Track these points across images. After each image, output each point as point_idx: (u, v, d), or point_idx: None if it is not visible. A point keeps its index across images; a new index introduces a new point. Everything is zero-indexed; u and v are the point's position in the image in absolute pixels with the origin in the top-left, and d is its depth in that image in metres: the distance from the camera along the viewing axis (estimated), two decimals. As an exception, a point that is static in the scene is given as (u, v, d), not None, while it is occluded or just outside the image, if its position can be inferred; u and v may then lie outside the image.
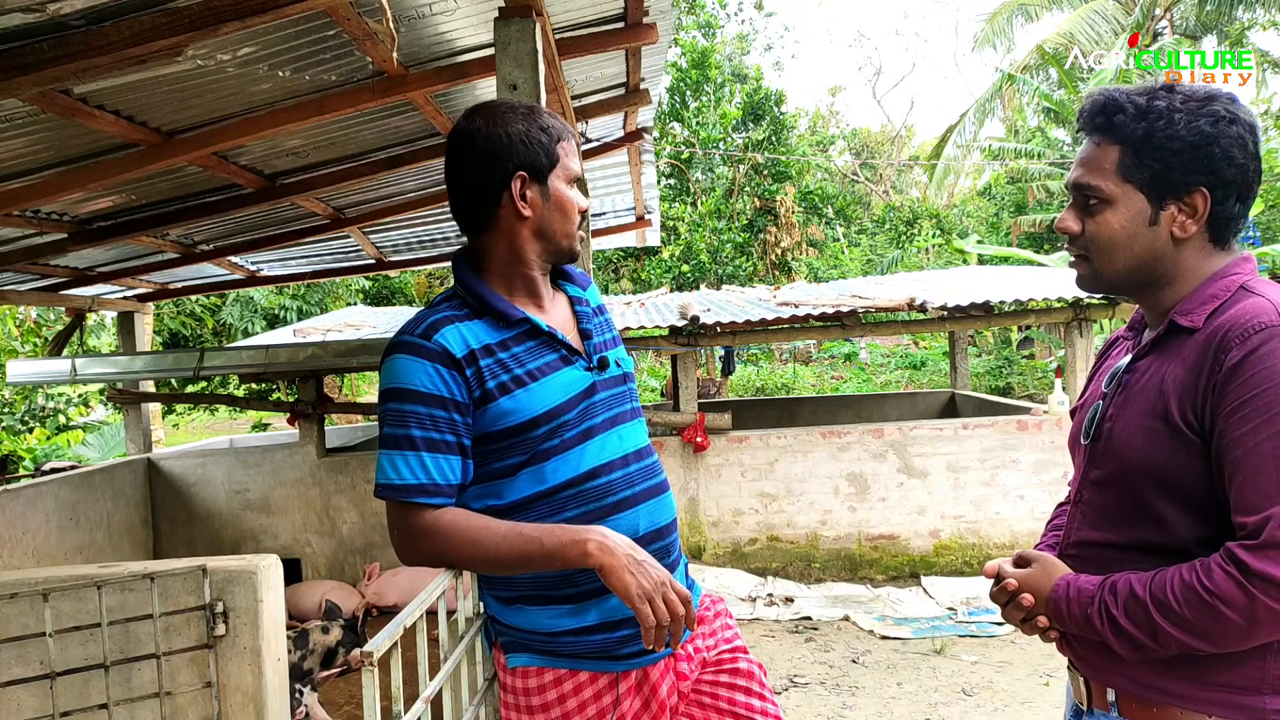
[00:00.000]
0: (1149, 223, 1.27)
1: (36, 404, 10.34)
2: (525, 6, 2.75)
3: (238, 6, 2.36)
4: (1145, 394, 1.27)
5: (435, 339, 1.41)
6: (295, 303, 14.15)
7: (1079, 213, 1.33)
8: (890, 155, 27.04)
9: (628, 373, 1.58)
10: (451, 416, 1.40)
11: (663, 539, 1.52)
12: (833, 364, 19.30)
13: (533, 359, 1.45)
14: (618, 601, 1.39)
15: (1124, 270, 1.31)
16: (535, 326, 1.47)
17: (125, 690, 2.25)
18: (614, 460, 1.48)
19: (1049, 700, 4.19)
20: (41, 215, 4.33)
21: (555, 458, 1.44)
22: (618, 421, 1.52)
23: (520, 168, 1.46)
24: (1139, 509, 1.27)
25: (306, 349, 5.44)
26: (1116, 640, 1.22)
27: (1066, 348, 6.61)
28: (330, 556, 6.06)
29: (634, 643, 1.46)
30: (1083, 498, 1.37)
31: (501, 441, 1.44)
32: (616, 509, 1.46)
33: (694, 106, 16.75)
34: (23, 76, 2.44)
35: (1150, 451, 1.24)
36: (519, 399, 1.42)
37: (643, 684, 1.50)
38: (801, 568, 6.45)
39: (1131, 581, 1.21)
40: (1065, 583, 1.28)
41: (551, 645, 1.47)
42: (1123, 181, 1.27)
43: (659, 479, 1.56)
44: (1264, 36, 16.38)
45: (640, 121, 5.47)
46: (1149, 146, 1.24)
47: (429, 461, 1.39)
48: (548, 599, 1.46)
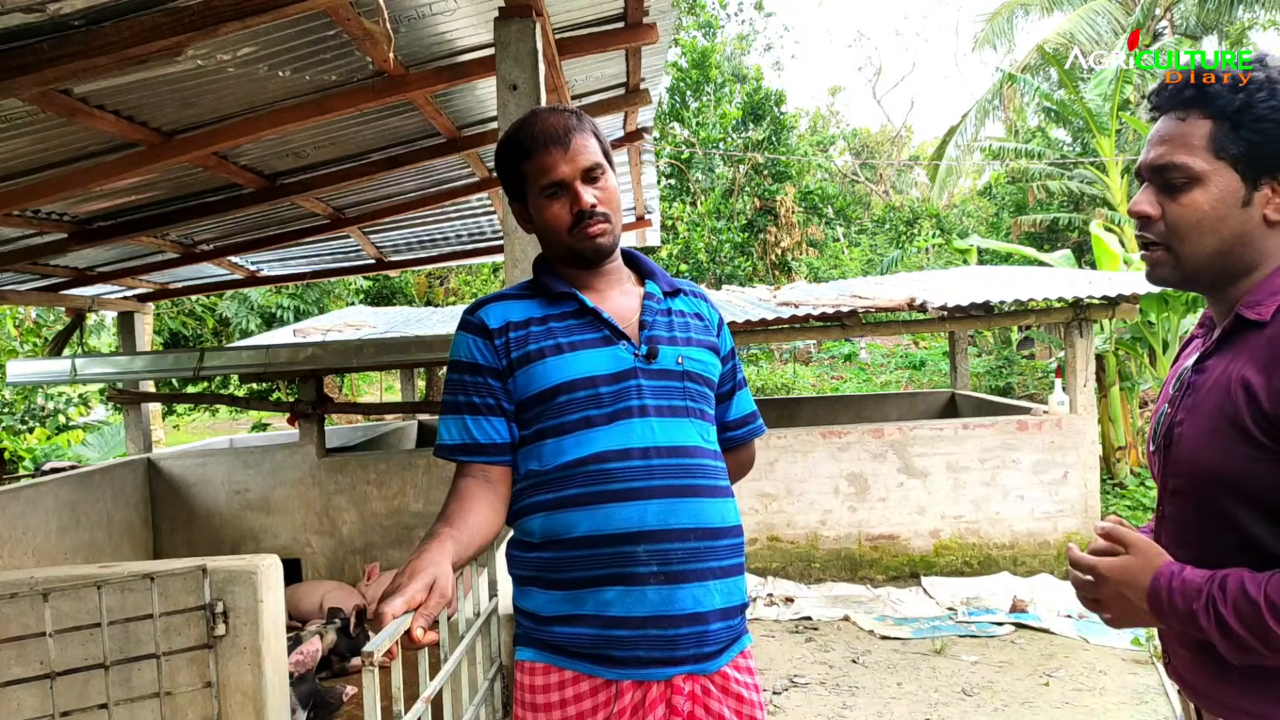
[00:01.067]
0: (1241, 204, 1.16)
1: (36, 404, 10.33)
2: (525, 6, 2.75)
3: (238, 6, 2.36)
4: (1213, 396, 1.17)
5: (477, 315, 1.56)
6: (293, 302, 14.13)
7: (1157, 195, 1.22)
8: (890, 155, 27.04)
9: (689, 371, 1.54)
10: (489, 382, 1.52)
11: (667, 541, 1.44)
12: (833, 364, 19.29)
13: (568, 334, 1.52)
14: (612, 595, 1.41)
15: (1210, 255, 1.20)
16: (581, 305, 1.54)
17: (125, 690, 2.25)
18: (633, 448, 1.46)
19: (1049, 700, 4.19)
20: (41, 215, 4.33)
21: (575, 432, 1.48)
22: (658, 413, 1.49)
23: (508, 194, 1.61)
24: (1221, 521, 1.17)
25: (306, 349, 5.43)
26: (1223, 641, 1.10)
27: (1066, 348, 6.60)
28: (330, 556, 6.06)
29: (628, 648, 1.43)
30: (1164, 511, 1.28)
31: (532, 408, 1.51)
32: (623, 497, 1.44)
33: (694, 106, 16.75)
34: (23, 76, 2.44)
35: (1222, 459, 1.14)
36: (545, 366, 1.49)
37: (638, 709, 1.45)
38: (801, 568, 6.45)
39: (1244, 579, 1.09)
40: (1170, 572, 1.15)
41: (548, 635, 1.48)
42: (1214, 158, 1.16)
43: (696, 481, 1.49)
44: (1264, 36, 16.36)
45: (640, 121, 5.47)
46: (1248, 119, 1.14)
47: (470, 424, 1.51)
48: (547, 582, 1.48)
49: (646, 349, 1.52)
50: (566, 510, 1.46)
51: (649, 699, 1.44)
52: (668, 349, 1.54)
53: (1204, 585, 1.11)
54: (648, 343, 1.53)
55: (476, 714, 1.48)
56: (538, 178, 1.51)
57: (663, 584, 1.43)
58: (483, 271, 17.05)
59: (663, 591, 1.42)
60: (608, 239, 1.53)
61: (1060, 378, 6.70)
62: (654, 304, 1.59)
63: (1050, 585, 6.02)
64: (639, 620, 1.42)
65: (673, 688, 1.45)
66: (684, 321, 1.61)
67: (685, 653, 1.44)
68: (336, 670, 4.68)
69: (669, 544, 1.44)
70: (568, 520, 1.45)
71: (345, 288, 15.24)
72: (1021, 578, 6.22)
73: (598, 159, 1.52)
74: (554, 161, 1.49)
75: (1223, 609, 1.09)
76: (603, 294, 1.57)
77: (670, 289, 1.65)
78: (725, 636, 1.49)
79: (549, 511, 1.48)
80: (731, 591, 1.50)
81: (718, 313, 1.71)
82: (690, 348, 1.57)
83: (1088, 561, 1.25)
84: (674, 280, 1.69)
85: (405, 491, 6.00)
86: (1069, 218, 14.47)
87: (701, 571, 1.46)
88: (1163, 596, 1.15)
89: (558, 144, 1.49)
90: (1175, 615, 1.14)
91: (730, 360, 1.69)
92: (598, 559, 1.43)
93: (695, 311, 1.65)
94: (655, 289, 1.62)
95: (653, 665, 1.43)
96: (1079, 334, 6.47)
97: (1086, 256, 13.68)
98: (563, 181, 1.49)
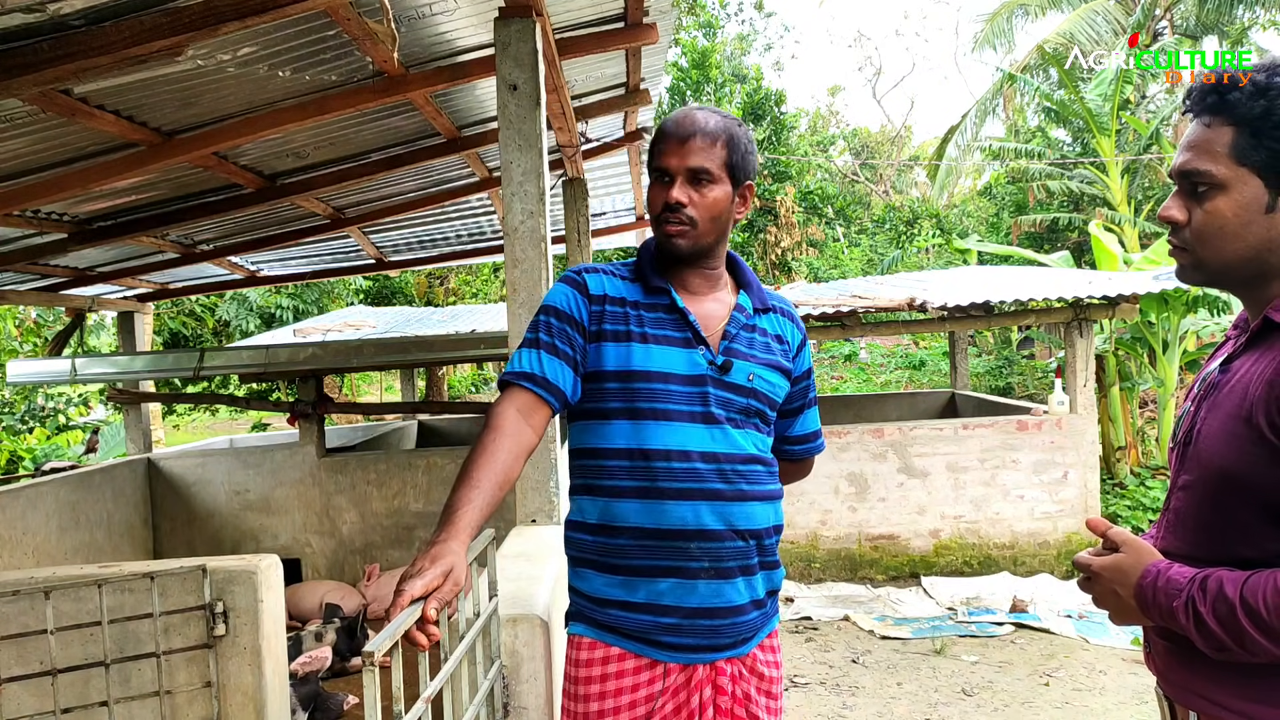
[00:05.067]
0: (1265, 210, 1.17)
1: (36, 404, 10.33)
2: (525, 6, 2.75)
3: (238, 6, 2.35)
4: (1233, 396, 1.19)
5: (583, 275, 1.63)
6: (292, 302, 14.11)
7: (1185, 200, 1.23)
8: (890, 155, 27.04)
9: (756, 390, 1.60)
10: (573, 334, 1.57)
11: (717, 542, 1.54)
12: (833, 364, 19.30)
13: (655, 326, 1.58)
14: (665, 586, 1.53)
15: (1233, 261, 1.21)
16: (672, 301, 1.59)
17: (125, 689, 2.25)
18: (693, 451, 1.54)
19: (1049, 700, 4.20)
20: (41, 215, 4.33)
21: (640, 421, 1.55)
22: (721, 422, 1.57)
23: (648, 170, 1.66)
24: (1221, 516, 1.19)
25: (306, 349, 5.44)
26: (1200, 639, 1.14)
27: (1066, 348, 6.61)
28: (330, 556, 6.06)
29: (677, 634, 1.54)
30: (1170, 504, 1.30)
31: (598, 383, 1.57)
32: (678, 496, 1.53)
33: (694, 106, 16.74)
34: (23, 76, 2.43)
35: (1231, 457, 1.16)
36: (627, 349, 1.56)
37: (680, 690, 1.56)
38: (801, 568, 6.45)
39: (1223, 579, 1.12)
40: (1156, 570, 1.19)
41: (602, 616, 1.58)
42: (1237, 165, 1.17)
43: (748, 487, 1.57)
44: (1264, 36, 16.35)
45: (640, 121, 5.47)
46: (1269, 125, 1.14)
47: (545, 358, 1.55)
48: (604, 566, 1.58)
49: (722, 360, 1.58)
50: (624, 499, 1.55)
51: (694, 680, 1.56)
52: (741, 364, 1.60)
53: (1186, 584, 1.15)
54: (725, 354, 1.59)
55: (476, 714, 1.48)
56: (653, 158, 1.61)
57: (712, 579, 1.54)
58: (483, 271, 17.05)
59: (712, 585, 1.54)
60: (684, 241, 1.57)
61: (1060, 378, 6.70)
62: (741, 316, 1.65)
63: (1050, 585, 6.02)
64: (689, 610, 1.54)
65: (716, 670, 1.57)
66: (765, 341, 1.66)
67: (727, 640, 1.57)
68: (336, 670, 4.68)
69: (720, 543, 1.54)
70: (624, 510, 1.55)
71: (345, 288, 15.23)
72: (1021, 578, 6.22)
73: (707, 165, 1.55)
74: (669, 150, 1.57)
75: (1201, 607, 1.12)
76: (696, 296, 1.63)
77: (762, 305, 1.69)
78: (760, 623, 1.62)
79: (607, 498, 1.57)
80: (771, 580, 1.64)
81: (802, 334, 1.76)
82: (763, 368, 1.63)
83: (1083, 560, 1.29)
84: (768, 296, 1.73)
85: (405, 491, 6.00)
86: (1069, 218, 14.47)
87: (747, 567, 1.58)
88: (1148, 594, 1.18)
89: (678, 137, 1.57)
90: (1159, 612, 1.18)
91: (804, 380, 1.75)
92: (653, 550, 1.54)
93: (778, 333, 1.70)
94: (747, 302, 1.67)
95: (698, 651, 1.55)
96: (1079, 334, 6.47)
97: (1086, 256, 13.69)
98: (667, 169, 1.57)
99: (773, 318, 1.70)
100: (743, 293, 1.69)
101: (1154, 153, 13.02)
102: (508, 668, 1.80)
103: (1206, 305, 8.42)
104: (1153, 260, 8.68)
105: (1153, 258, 8.74)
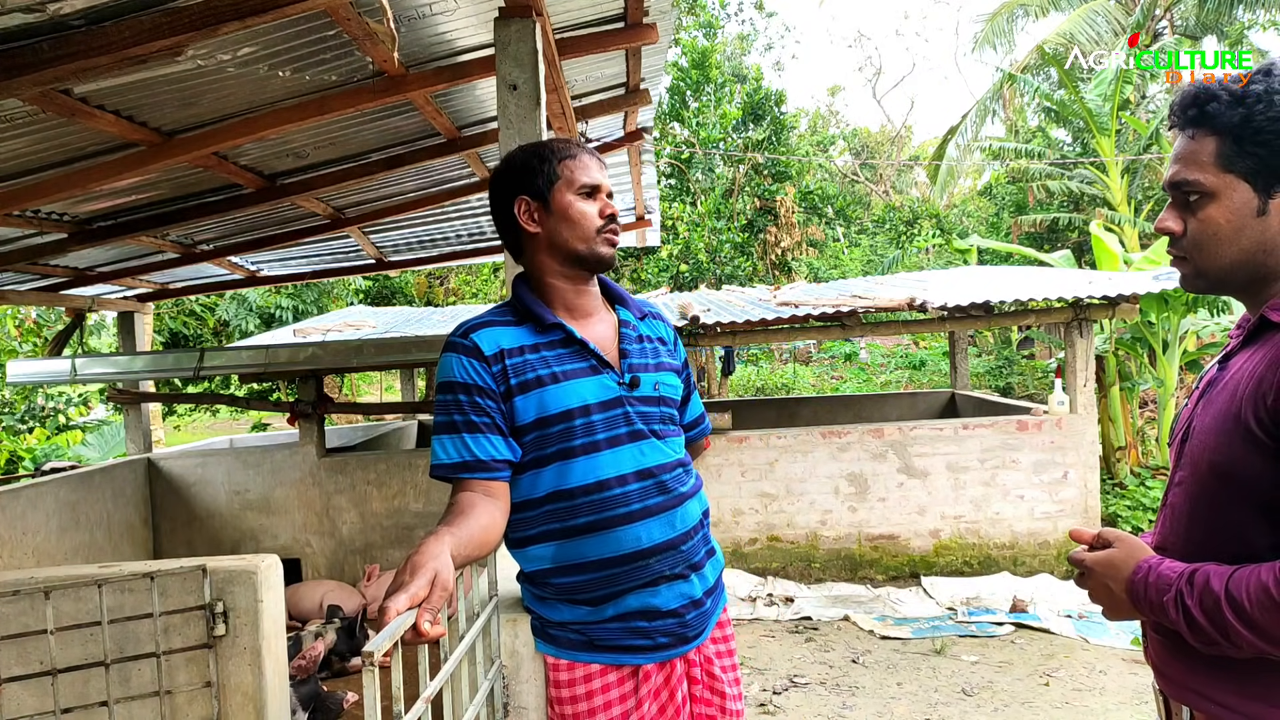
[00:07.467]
0: (1256, 214, 1.20)
1: (36, 404, 10.33)
2: (525, 6, 2.75)
3: (238, 6, 2.36)
4: (1226, 392, 1.21)
5: (470, 338, 1.59)
6: (292, 302, 14.11)
7: (1179, 211, 1.26)
8: (890, 155, 27.04)
9: (663, 396, 1.67)
10: (486, 402, 1.56)
11: (671, 550, 1.61)
12: (833, 364, 19.30)
13: (560, 363, 1.59)
14: (632, 601, 1.57)
15: (1230, 266, 1.24)
16: (569, 334, 1.61)
17: (125, 689, 2.25)
18: (628, 473, 1.58)
19: (1049, 700, 4.20)
20: (41, 215, 4.33)
21: (575, 459, 1.56)
22: (644, 437, 1.62)
23: (520, 191, 1.64)
24: (1214, 511, 1.21)
25: (306, 349, 5.43)
26: (1190, 634, 1.16)
27: (1066, 348, 6.60)
28: (330, 557, 6.06)
29: (647, 637, 1.59)
30: (1168, 500, 1.33)
31: (527, 435, 1.57)
32: (627, 520, 1.57)
33: (694, 106, 16.73)
34: (23, 76, 2.44)
35: (1222, 452, 1.18)
36: (540, 395, 1.56)
37: (661, 691, 1.61)
38: (801, 568, 6.45)
39: (1210, 574, 1.14)
40: (1147, 566, 1.22)
41: (573, 634, 1.62)
42: (1223, 172, 1.21)
43: (680, 490, 1.64)
44: (1264, 36, 16.36)
45: (640, 121, 5.47)
46: (1248, 132, 1.18)
47: (469, 441, 1.54)
48: (571, 601, 1.62)
49: (630, 378, 1.63)
50: (578, 538, 1.57)
51: (673, 677, 1.63)
52: (646, 376, 1.66)
53: (1175, 579, 1.18)
54: (629, 371, 1.64)
55: (476, 714, 1.48)
56: (578, 176, 1.63)
57: (674, 582, 1.61)
58: (483, 271, 17.06)
59: (674, 587, 1.61)
60: (615, 251, 1.68)
61: (1060, 378, 6.70)
62: (630, 331, 1.71)
63: (1050, 585, 6.02)
64: (658, 613, 1.60)
65: (687, 661, 1.65)
66: (654, 348, 1.73)
67: (694, 631, 1.64)
68: (336, 670, 4.68)
69: (674, 550, 1.61)
70: (581, 548, 1.57)
71: (345, 288, 15.24)
72: (1021, 578, 6.22)
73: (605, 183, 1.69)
74: (595, 168, 1.66)
75: (1189, 602, 1.15)
76: (585, 320, 1.67)
77: (640, 313, 1.76)
78: (713, 606, 1.71)
79: (561, 540, 1.59)
80: (717, 565, 1.74)
81: (673, 329, 1.86)
82: (661, 373, 1.70)
83: (1078, 556, 1.32)
84: (640, 303, 1.80)
85: (405, 491, 6.00)
86: (1069, 218, 14.47)
87: (698, 562, 1.66)
88: (1140, 589, 1.22)
89: (596, 160, 1.68)
90: (1150, 607, 1.20)
91: (685, 370, 1.84)
92: (616, 577, 1.58)
93: (659, 335, 1.78)
94: (629, 316, 1.74)
95: (670, 648, 1.62)
96: (1079, 334, 6.47)
97: (1086, 256, 13.69)
98: (599, 187, 1.65)
99: (650, 323, 1.79)
100: (619, 308, 1.75)
101: (1154, 153, 13.02)
102: (508, 668, 1.80)
103: (1206, 305, 8.42)
104: (1153, 260, 8.68)
105: (1153, 258, 8.74)
